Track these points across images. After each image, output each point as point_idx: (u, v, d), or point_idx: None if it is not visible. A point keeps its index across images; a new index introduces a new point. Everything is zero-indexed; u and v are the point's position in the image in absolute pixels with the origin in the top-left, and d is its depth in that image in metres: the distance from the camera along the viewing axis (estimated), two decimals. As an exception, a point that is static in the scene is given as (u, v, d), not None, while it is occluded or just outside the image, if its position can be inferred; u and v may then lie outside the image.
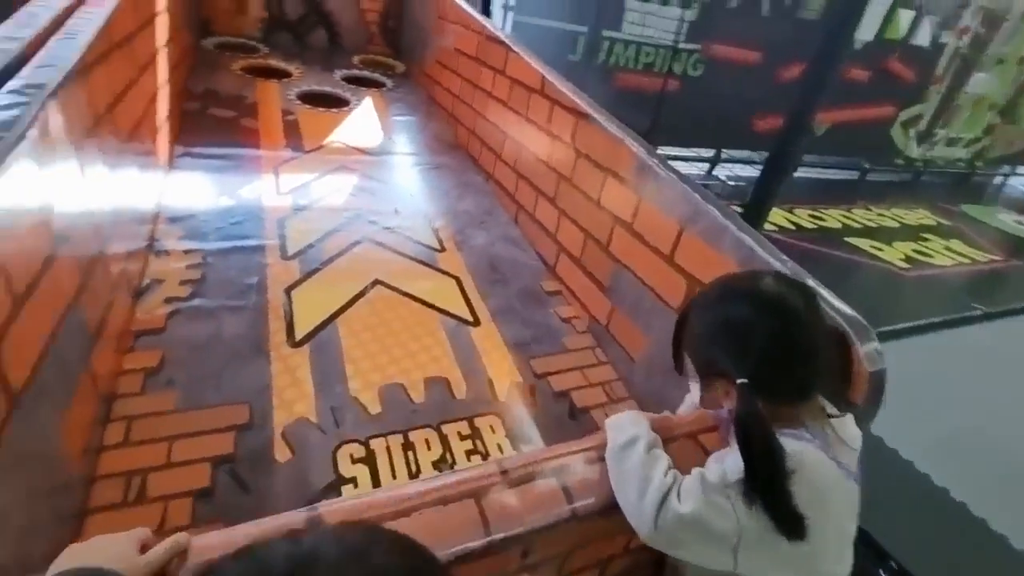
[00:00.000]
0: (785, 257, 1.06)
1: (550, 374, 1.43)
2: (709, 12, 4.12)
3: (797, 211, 5.11)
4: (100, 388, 1.04)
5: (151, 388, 1.15)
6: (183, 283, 1.44)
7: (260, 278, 1.52)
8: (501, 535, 0.66)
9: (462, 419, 1.25)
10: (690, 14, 3.64)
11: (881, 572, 1.76)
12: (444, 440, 1.19)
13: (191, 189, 1.83)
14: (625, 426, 0.78)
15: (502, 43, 2.09)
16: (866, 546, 1.75)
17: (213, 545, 0.57)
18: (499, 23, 3.93)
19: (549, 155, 1.80)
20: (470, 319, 1.55)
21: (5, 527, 0.67)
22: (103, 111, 1.19)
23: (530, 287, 1.74)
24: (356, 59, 3.32)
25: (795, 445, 0.66)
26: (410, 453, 1.15)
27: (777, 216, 4.81)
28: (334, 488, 1.04)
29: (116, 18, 1.34)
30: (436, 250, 1.82)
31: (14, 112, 0.81)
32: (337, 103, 2.74)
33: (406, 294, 1.58)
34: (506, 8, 3.81)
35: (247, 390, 1.20)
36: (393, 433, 1.18)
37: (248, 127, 2.31)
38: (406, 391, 1.28)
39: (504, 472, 0.72)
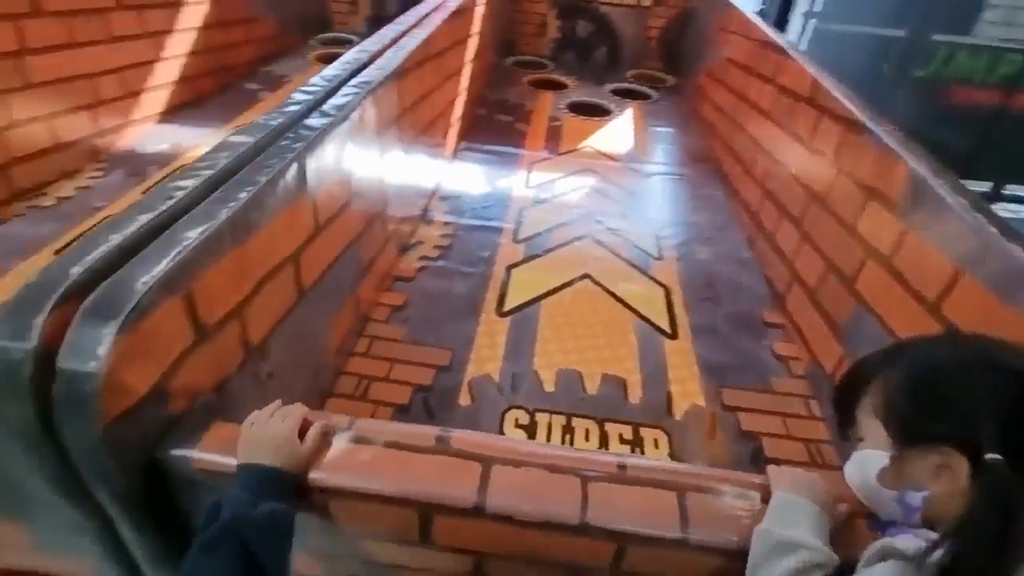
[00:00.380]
0: None
1: (741, 409, 1.27)
2: None
3: None
4: (360, 309, 1.39)
5: (392, 320, 1.47)
6: (436, 247, 1.77)
7: (491, 253, 1.76)
8: (597, 524, 0.64)
9: (628, 423, 1.22)
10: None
11: None
12: (604, 436, 1.19)
13: (463, 176, 2.22)
14: (796, 517, 0.62)
15: (778, 48, 1.90)
16: None
17: (370, 428, 0.72)
18: (796, 32, 3.54)
19: (805, 171, 1.57)
20: (667, 330, 1.49)
21: (279, 379, 0.97)
22: (408, 107, 1.56)
23: (746, 312, 1.56)
24: (629, 73, 3.45)
25: None
26: (568, 436, 1.19)
27: None
28: (493, 441, 1.16)
29: (434, 37, 1.74)
30: (653, 257, 1.79)
31: (347, 99, 1.16)
32: (600, 113, 2.92)
33: (610, 292, 1.61)
34: (807, 15, 3.40)
35: (455, 340, 1.42)
36: (558, 413, 1.24)
37: (519, 130, 2.66)
38: (581, 379, 1.32)
39: (622, 467, 0.70)
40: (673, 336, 1.47)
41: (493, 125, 2.68)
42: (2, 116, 1.68)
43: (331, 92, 1.20)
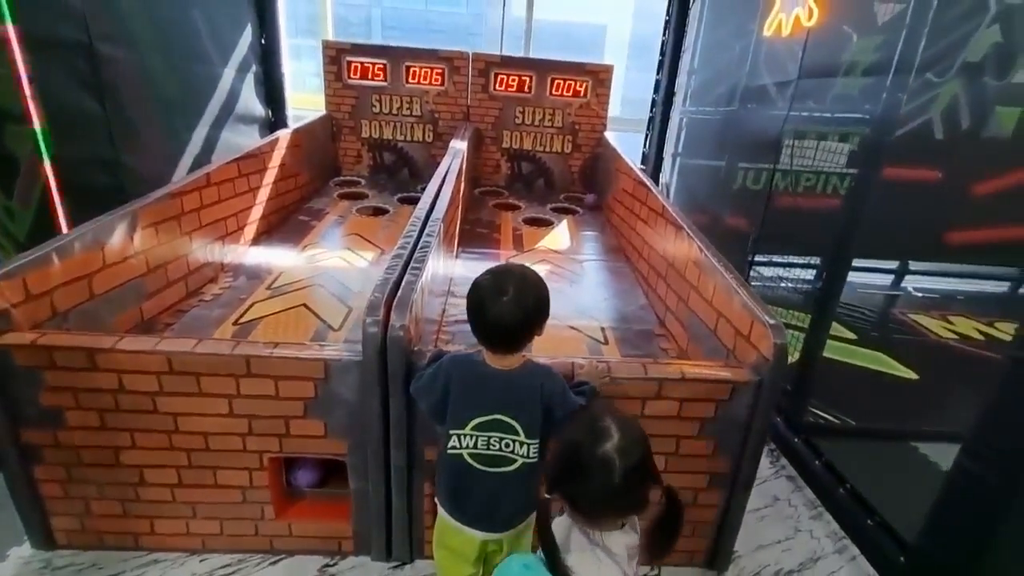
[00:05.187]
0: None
1: (644, 373, 2.41)
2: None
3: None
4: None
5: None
6: (456, 322, 2.89)
7: (495, 311, 2.91)
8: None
9: (587, 383, 2.33)
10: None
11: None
12: (575, 390, 2.28)
13: (463, 270, 3.41)
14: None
15: (644, 184, 3.34)
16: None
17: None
18: (669, 164, 5.24)
19: (664, 252, 2.89)
20: (602, 340, 2.65)
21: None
22: (447, 228, 2.77)
23: (645, 330, 2.77)
24: (562, 196, 4.94)
25: None
26: (557, 391, 2.27)
27: (967, 327, 4.68)
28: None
29: (454, 190, 3.01)
30: (591, 307, 3.00)
31: (432, 235, 2.35)
32: (546, 224, 4.29)
33: (570, 326, 2.77)
34: (674, 155, 5.11)
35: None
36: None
37: (495, 238, 3.94)
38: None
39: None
40: (606, 343, 2.64)
41: (477, 236, 3.94)
42: (188, 247, 2.72)
43: (420, 232, 2.38)
